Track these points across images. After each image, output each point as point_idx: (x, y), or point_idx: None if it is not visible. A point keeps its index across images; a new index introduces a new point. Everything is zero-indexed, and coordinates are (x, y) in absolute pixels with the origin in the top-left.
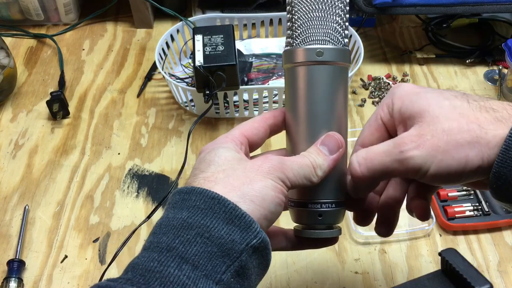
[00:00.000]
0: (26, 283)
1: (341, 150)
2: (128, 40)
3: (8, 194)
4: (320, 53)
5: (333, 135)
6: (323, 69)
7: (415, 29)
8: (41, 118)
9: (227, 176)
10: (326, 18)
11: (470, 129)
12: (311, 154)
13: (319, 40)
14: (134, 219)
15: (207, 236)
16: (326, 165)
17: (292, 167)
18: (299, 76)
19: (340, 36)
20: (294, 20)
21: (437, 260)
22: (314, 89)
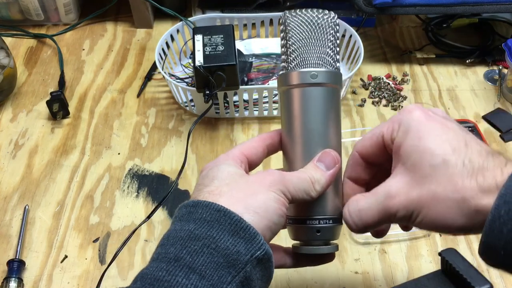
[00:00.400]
0: (26, 283)
1: (337, 166)
2: (128, 40)
3: (8, 194)
4: (314, 75)
5: (329, 152)
6: (317, 90)
7: (415, 29)
8: (41, 118)
9: (231, 189)
10: (319, 44)
11: (454, 198)
12: (309, 169)
13: (313, 64)
14: (134, 219)
15: (213, 247)
16: (323, 180)
17: (293, 181)
18: (294, 98)
19: (332, 60)
20: (288, 45)
21: (437, 260)
22: (309, 110)
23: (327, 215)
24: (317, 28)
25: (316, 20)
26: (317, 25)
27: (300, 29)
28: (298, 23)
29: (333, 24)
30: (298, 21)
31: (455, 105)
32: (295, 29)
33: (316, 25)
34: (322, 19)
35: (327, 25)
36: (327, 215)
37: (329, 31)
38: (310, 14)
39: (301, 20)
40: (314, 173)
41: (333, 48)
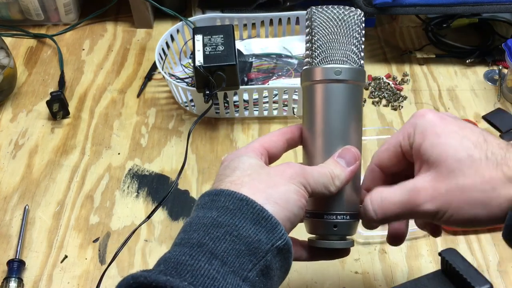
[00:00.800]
0: (26, 283)
1: (357, 162)
2: (128, 40)
3: (8, 194)
4: (338, 72)
5: (350, 148)
6: (340, 87)
7: (415, 29)
8: (41, 118)
9: (253, 179)
10: (344, 40)
11: (483, 189)
12: (329, 165)
13: (337, 60)
14: (134, 219)
15: (235, 235)
16: (343, 176)
17: (313, 175)
18: (317, 93)
19: (357, 57)
20: (314, 41)
21: (437, 260)
22: (331, 106)
23: (345, 211)
24: (343, 25)
25: (343, 17)
26: (343, 22)
27: (326, 24)
28: (324, 19)
29: (359, 22)
30: (324, 17)
31: (455, 105)
32: (321, 25)
33: (342, 22)
34: (348, 16)
35: (353, 22)
36: (344, 211)
37: (355, 28)
38: (337, 10)
39: (327, 16)
40: (334, 168)
41: (358, 46)
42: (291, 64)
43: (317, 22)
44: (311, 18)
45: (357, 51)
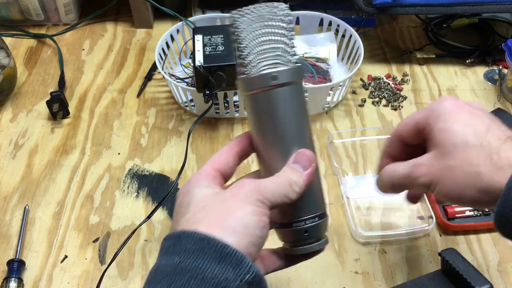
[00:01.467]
0: (26, 283)
1: (313, 165)
2: (128, 40)
3: (8, 194)
4: (275, 77)
5: (303, 152)
6: (280, 91)
7: (415, 29)
8: (41, 118)
9: (207, 213)
10: (273, 41)
11: (468, 172)
12: (286, 172)
13: (271, 63)
14: (134, 219)
15: (200, 278)
16: (301, 181)
17: (269, 187)
18: (259, 102)
19: (290, 55)
20: (241, 48)
21: (437, 260)
22: (276, 112)
23: (312, 214)
24: (268, 24)
25: (266, 15)
26: (268, 21)
27: (250, 28)
28: (247, 22)
29: (284, 16)
30: (247, 20)
31: None
32: (245, 30)
33: (267, 21)
34: (272, 13)
35: (278, 18)
36: (312, 214)
37: (281, 24)
38: (258, 9)
39: (250, 18)
40: (291, 175)
41: (288, 42)
42: None
43: (240, 27)
44: (234, 24)
45: (288, 49)
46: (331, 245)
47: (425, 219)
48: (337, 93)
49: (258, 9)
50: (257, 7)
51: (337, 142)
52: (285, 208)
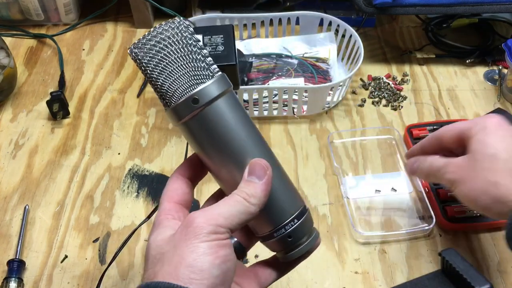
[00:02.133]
0: (26, 283)
1: (268, 172)
2: (128, 40)
3: (8, 194)
4: (196, 100)
5: (255, 162)
6: (208, 111)
7: (415, 29)
8: (41, 118)
9: (162, 264)
10: (182, 62)
11: (488, 182)
12: (241, 188)
13: (189, 87)
14: (134, 219)
15: None
16: (259, 191)
17: (221, 212)
18: (192, 129)
19: (206, 70)
20: (154, 81)
21: (437, 260)
22: (213, 133)
23: (289, 217)
24: (171, 46)
25: (167, 38)
26: (171, 42)
27: (154, 60)
28: (149, 54)
29: (185, 30)
30: (147, 51)
31: (455, 105)
32: (150, 63)
33: (169, 43)
34: (172, 35)
35: (180, 35)
36: (289, 218)
37: (186, 41)
38: (156, 34)
39: (150, 48)
40: (246, 189)
41: (198, 56)
42: (291, 64)
43: (144, 60)
44: (137, 60)
45: (201, 63)
46: (331, 245)
47: (425, 219)
48: (337, 93)
49: (156, 33)
50: (152, 34)
51: (337, 142)
52: (257, 222)
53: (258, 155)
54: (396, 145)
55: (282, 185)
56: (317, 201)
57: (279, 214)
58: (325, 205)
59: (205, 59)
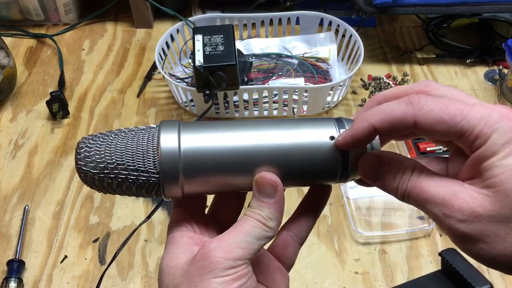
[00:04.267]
0: (26, 283)
1: (278, 188)
2: (128, 40)
3: (8, 194)
4: (157, 167)
5: (260, 178)
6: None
7: (415, 29)
8: (41, 118)
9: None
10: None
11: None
12: (254, 210)
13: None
14: (134, 219)
15: None
16: (273, 212)
17: (238, 242)
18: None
19: (151, 145)
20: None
21: (437, 260)
22: (206, 165)
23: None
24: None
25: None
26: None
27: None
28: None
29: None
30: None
31: None
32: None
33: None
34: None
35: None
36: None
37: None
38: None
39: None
40: (261, 212)
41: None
42: (291, 64)
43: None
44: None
45: (144, 134)
46: (331, 245)
47: (425, 219)
48: (337, 93)
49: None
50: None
51: None
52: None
53: (263, 167)
54: (396, 144)
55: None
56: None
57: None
58: None
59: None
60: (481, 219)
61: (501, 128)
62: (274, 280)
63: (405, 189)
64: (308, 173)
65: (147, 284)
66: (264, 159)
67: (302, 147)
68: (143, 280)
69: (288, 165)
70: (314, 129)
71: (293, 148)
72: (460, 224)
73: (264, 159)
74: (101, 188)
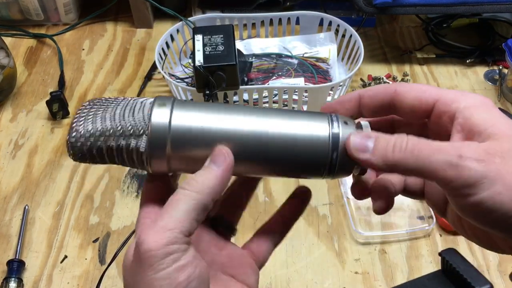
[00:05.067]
0: (26, 283)
1: (228, 160)
2: (128, 40)
3: (8, 194)
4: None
5: (216, 151)
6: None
7: (415, 29)
8: (41, 118)
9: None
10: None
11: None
12: (189, 179)
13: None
14: (134, 219)
15: None
16: (212, 177)
17: (167, 222)
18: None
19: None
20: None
21: (437, 260)
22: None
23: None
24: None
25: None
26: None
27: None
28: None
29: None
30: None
31: None
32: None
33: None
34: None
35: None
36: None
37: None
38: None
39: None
40: (196, 177)
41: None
42: (291, 64)
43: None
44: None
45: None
46: (331, 245)
47: (425, 219)
48: (337, 93)
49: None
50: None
51: None
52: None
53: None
54: None
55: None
56: (317, 201)
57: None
58: (325, 205)
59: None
60: (495, 159)
61: (469, 96)
62: (246, 273)
63: (404, 148)
64: (293, 162)
65: None
66: (249, 145)
67: (290, 135)
68: None
69: (275, 153)
70: (306, 121)
71: (279, 135)
72: (478, 165)
73: (247, 144)
74: (92, 151)
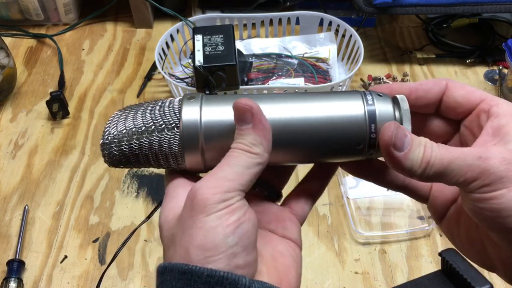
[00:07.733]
0: (26, 283)
1: (254, 111)
2: (128, 40)
3: (8, 194)
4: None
5: (236, 104)
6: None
7: (415, 29)
8: (41, 118)
9: (175, 249)
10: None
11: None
12: (236, 140)
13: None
14: (134, 219)
15: None
16: (256, 137)
17: (224, 175)
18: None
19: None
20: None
21: (437, 260)
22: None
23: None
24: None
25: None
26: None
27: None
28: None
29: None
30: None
31: None
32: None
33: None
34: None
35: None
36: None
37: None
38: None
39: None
40: (242, 139)
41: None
42: (291, 64)
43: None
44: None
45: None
46: (331, 245)
47: (425, 219)
48: None
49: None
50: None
51: None
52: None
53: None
54: None
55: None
56: (317, 201)
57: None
58: (325, 205)
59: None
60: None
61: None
62: (286, 227)
63: (430, 154)
64: (333, 143)
65: (147, 284)
66: (288, 131)
67: (327, 119)
68: (143, 280)
69: (313, 138)
70: (341, 101)
71: (317, 119)
72: (500, 164)
73: (287, 131)
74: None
